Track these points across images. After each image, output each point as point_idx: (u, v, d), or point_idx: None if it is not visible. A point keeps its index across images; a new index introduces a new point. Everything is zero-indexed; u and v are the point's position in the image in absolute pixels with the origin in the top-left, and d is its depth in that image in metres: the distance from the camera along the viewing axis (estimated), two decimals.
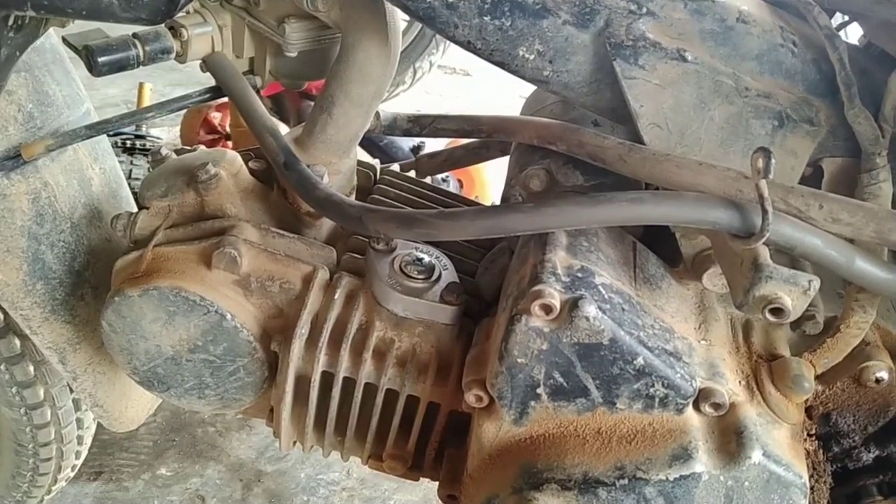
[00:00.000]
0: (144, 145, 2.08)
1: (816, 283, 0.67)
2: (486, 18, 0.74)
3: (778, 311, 0.67)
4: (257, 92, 0.98)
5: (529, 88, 0.98)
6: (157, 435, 1.71)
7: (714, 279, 0.80)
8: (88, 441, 1.33)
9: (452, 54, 3.07)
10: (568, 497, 0.72)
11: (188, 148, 1.05)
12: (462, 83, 3.90)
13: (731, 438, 0.71)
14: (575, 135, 0.82)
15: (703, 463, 0.70)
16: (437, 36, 2.81)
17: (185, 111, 2.35)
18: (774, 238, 0.66)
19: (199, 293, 0.87)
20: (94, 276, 1.04)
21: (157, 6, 0.74)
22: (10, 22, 0.79)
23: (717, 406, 0.73)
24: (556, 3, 0.73)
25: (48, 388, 1.13)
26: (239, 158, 0.97)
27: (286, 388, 0.89)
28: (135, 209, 1.10)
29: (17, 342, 1.06)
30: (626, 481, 0.71)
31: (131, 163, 2.00)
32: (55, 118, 0.95)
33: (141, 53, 0.89)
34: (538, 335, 0.70)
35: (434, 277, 0.88)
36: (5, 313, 1.02)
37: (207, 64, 0.98)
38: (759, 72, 0.76)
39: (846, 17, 0.87)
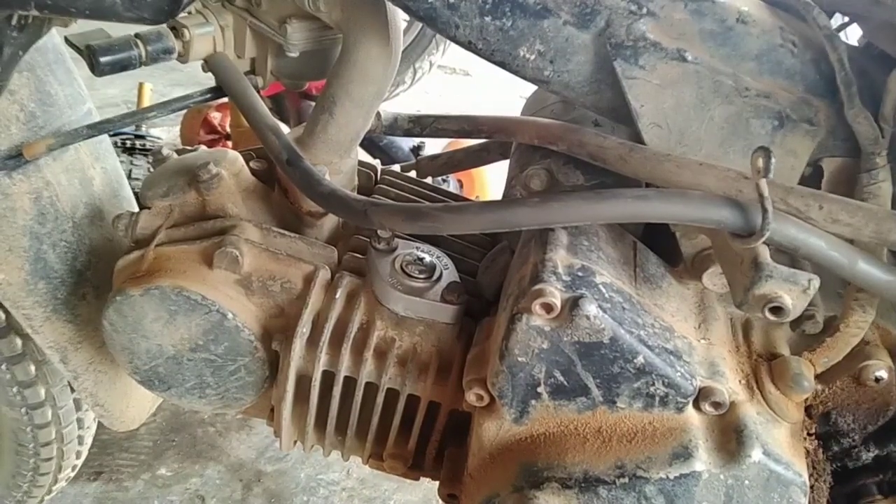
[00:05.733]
0: (144, 145, 2.08)
1: (816, 283, 0.67)
2: (487, 19, 0.74)
3: (778, 310, 0.67)
4: (258, 92, 0.98)
5: (529, 88, 0.98)
6: (157, 435, 1.71)
7: (714, 278, 0.80)
8: (89, 441, 1.33)
9: (452, 54, 3.07)
10: (568, 495, 0.73)
11: (189, 148, 1.06)
12: (462, 83, 3.91)
13: (731, 437, 0.72)
14: (575, 135, 0.82)
15: (703, 461, 0.71)
16: (437, 36, 2.82)
17: (184, 111, 2.35)
18: (778, 238, 0.66)
19: (201, 292, 0.87)
20: (95, 275, 1.04)
21: (160, 6, 0.74)
22: (14, 21, 0.79)
23: (717, 405, 0.73)
24: (557, 3, 0.73)
25: (49, 388, 1.13)
26: (240, 158, 0.98)
27: (287, 387, 0.89)
28: (136, 209, 1.11)
29: (19, 342, 1.06)
30: (626, 480, 0.71)
31: (131, 163, 2.00)
32: (57, 118, 0.95)
33: (143, 53, 0.90)
34: (539, 334, 0.71)
35: (435, 277, 0.88)
36: (7, 312, 1.02)
37: (209, 64, 0.98)
38: (758, 72, 0.77)
39: (846, 18, 0.88)
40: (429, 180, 1.21)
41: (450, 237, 1.02)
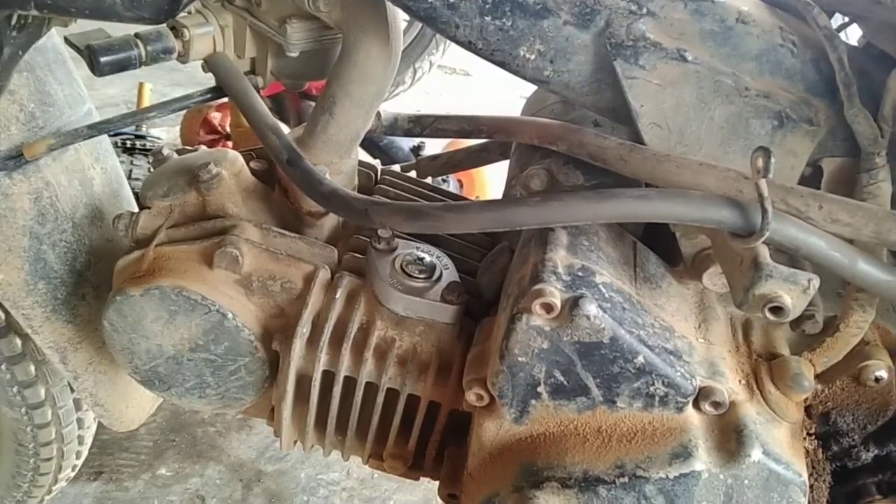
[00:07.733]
0: (144, 145, 2.08)
1: (816, 282, 0.67)
2: (487, 18, 0.74)
3: (778, 310, 0.67)
4: (258, 92, 0.98)
5: (529, 88, 0.98)
6: (158, 435, 1.71)
7: (714, 278, 0.80)
8: (89, 441, 1.33)
9: (452, 54, 3.07)
10: (568, 495, 0.73)
11: (189, 148, 1.06)
12: (462, 83, 3.90)
13: (730, 437, 0.72)
14: (575, 135, 0.82)
15: (703, 461, 0.71)
16: (437, 36, 2.82)
17: (184, 111, 2.35)
18: (778, 238, 0.66)
19: (201, 292, 0.87)
20: (95, 275, 1.04)
21: (160, 6, 0.74)
22: (13, 21, 0.79)
23: (716, 405, 0.73)
24: (557, 3, 0.73)
25: (49, 388, 1.13)
26: (240, 158, 0.98)
27: (287, 387, 0.89)
28: (136, 209, 1.11)
29: (19, 342, 1.06)
30: (626, 479, 0.71)
31: (131, 163, 2.00)
32: (57, 118, 0.95)
33: (143, 53, 0.90)
34: (539, 334, 0.71)
35: (435, 277, 0.88)
36: (7, 313, 1.02)
37: (209, 64, 0.98)
38: (758, 72, 0.77)
39: (846, 18, 0.88)
40: (429, 180, 1.21)
41: (450, 237, 1.02)
